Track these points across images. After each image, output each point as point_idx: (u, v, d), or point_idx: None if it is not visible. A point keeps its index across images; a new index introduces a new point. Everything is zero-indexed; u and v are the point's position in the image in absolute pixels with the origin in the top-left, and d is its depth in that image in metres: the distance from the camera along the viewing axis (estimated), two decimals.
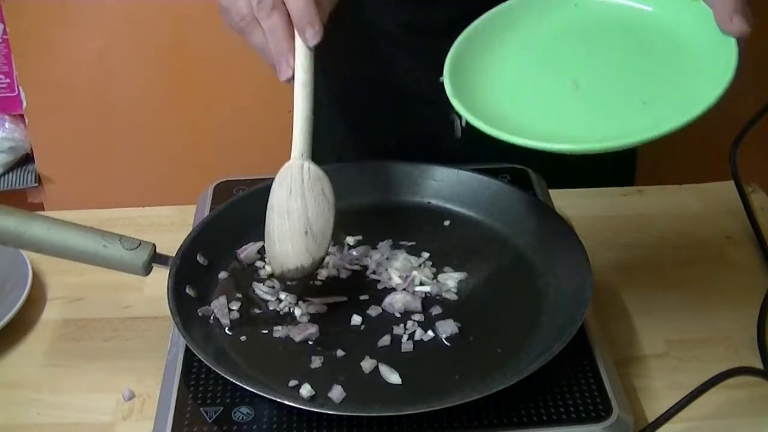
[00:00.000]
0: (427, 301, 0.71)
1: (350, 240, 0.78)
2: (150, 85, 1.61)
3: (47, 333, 0.74)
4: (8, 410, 0.66)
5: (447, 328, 0.67)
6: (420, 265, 0.74)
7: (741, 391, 0.66)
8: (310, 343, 0.67)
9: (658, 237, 0.85)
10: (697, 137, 1.29)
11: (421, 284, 0.72)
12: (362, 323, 0.68)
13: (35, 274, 0.77)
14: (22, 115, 1.65)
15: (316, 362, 0.64)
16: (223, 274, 0.74)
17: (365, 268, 0.75)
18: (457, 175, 0.82)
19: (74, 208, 0.89)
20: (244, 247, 0.76)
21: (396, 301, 0.70)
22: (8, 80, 1.62)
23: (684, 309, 0.76)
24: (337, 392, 0.61)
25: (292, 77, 0.67)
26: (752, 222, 0.85)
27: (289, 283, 0.72)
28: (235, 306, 0.70)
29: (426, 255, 0.76)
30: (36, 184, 1.68)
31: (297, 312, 0.69)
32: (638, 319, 0.74)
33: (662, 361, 0.70)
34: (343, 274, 0.74)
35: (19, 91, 1.62)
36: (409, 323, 0.68)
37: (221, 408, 0.61)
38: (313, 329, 0.67)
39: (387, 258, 0.75)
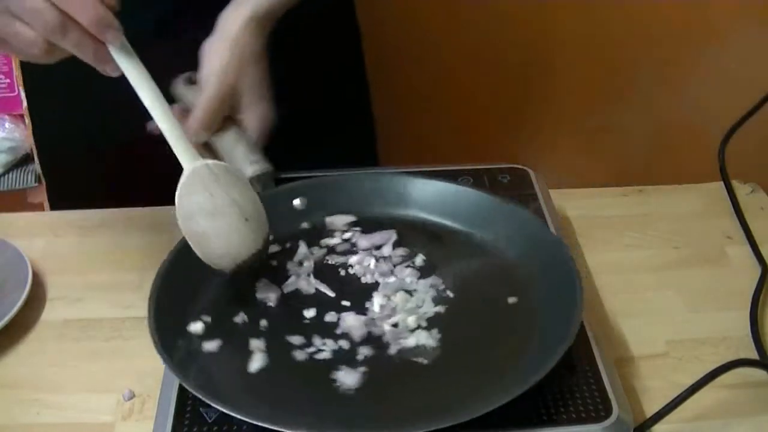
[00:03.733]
0: (415, 312, 0.69)
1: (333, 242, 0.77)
2: None
3: (47, 333, 0.74)
4: (8, 410, 0.66)
5: (431, 340, 0.66)
6: (407, 278, 0.73)
7: (741, 390, 0.66)
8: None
9: (658, 237, 0.85)
10: (697, 137, 1.29)
11: (411, 294, 0.71)
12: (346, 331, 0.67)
13: (35, 274, 0.77)
14: (22, 115, 1.65)
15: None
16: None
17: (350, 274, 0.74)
18: (439, 187, 0.79)
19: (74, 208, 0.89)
20: None
21: (380, 311, 0.69)
22: (8, 80, 1.62)
23: (684, 309, 0.76)
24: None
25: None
26: (739, 216, 0.86)
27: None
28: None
29: (414, 265, 0.74)
30: (36, 184, 1.68)
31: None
32: (638, 319, 0.74)
33: (662, 361, 0.70)
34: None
35: (19, 91, 1.62)
36: (396, 333, 0.67)
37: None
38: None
39: (370, 266, 0.74)
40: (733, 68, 1.53)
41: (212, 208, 0.67)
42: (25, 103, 1.61)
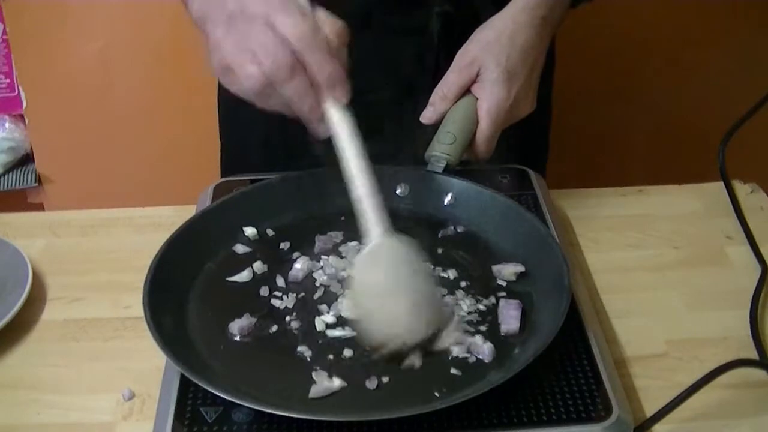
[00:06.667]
0: None
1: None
2: (150, 86, 1.61)
3: (47, 333, 0.74)
4: (8, 410, 0.66)
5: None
6: None
7: (741, 390, 0.66)
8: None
9: (658, 237, 0.85)
10: (697, 137, 1.29)
11: None
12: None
13: (35, 274, 0.77)
14: (22, 115, 1.65)
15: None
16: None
17: None
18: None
19: (74, 208, 0.89)
20: None
21: None
22: (8, 80, 1.62)
23: (684, 309, 0.76)
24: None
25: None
26: (739, 216, 0.86)
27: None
28: None
29: None
30: (36, 184, 1.68)
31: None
32: (638, 319, 0.74)
33: (662, 361, 0.70)
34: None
35: (19, 91, 1.62)
36: None
37: (221, 408, 0.61)
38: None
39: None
40: (733, 68, 1.53)
41: (385, 289, 0.65)
42: (25, 103, 1.61)
